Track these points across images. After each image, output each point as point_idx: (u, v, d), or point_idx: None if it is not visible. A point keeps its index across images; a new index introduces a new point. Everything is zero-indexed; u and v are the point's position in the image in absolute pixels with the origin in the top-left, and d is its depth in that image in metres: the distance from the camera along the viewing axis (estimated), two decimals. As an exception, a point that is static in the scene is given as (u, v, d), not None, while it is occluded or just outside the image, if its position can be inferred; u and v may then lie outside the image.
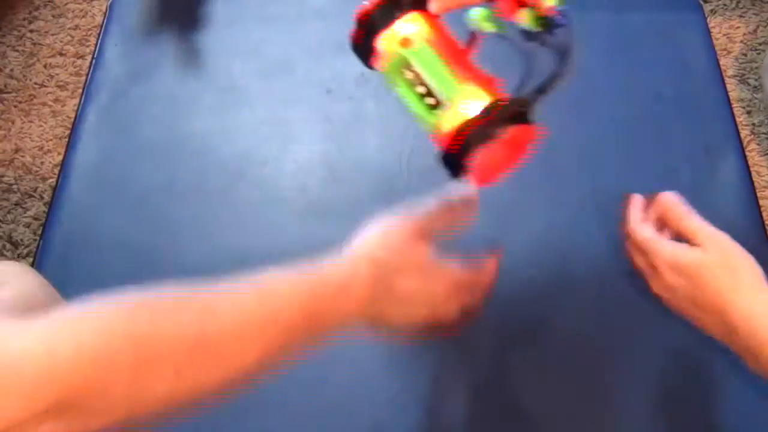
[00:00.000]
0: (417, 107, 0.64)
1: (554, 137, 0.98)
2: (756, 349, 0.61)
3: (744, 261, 0.63)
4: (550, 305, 0.86)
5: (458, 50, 0.64)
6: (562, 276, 0.88)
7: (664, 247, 0.65)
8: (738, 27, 1.71)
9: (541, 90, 0.62)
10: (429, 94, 0.62)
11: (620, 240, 0.69)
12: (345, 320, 0.60)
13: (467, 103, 0.61)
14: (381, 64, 0.65)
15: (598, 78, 1.01)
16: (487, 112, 0.60)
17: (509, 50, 0.64)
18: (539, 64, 0.65)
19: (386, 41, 0.64)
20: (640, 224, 0.68)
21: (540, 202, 0.93)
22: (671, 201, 0.66)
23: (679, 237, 0.66)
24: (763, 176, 1.48)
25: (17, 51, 1.71)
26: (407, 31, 0.63)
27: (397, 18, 0.63)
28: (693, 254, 0.63)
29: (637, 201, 0.71)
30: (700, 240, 0.63)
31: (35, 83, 1.65)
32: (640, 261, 0.69)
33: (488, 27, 0.64)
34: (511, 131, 0.61)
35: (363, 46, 0.65)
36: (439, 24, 0.64)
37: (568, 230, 0.90)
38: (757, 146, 1.52)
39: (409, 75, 0.63)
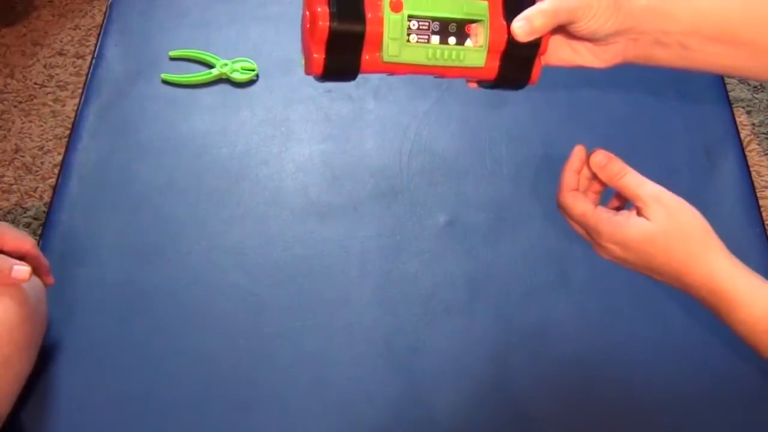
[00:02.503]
0: (446, 56, 0.59)
1: (554, 137, 0.98)
2: (720, 307, 0.61)
3: (690, 221, 0.60)
4: (550, 305, 0.86)
5: None
6: (561, 276, 0.88)
7: (603, 224, 0.61)
8: (738, 27, 1.71)
9: None
10: (448, 33, 0.59)
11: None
12: None
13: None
14: (372, 59, 0.59)
15: (598, 78, 1.01)
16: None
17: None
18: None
19: (374, 23, 0.57)
20: (572, 196, 0.64)
21: (540, 201, 0.93)
22: (601, 160, 0.62)
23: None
24: (763, 176, 1.48)
25: (17, 51, 1.71)
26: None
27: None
28: (637, 227, 0.60)
29: (572, 164, 0.66)
30: (641, 203, 0.60)
31: (35, 83, 1.65)
32: (579, 231, 0.66)
33: None
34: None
35: (347, 51, 0.58)
36: None
37: (566, 229, 0.90)
38: (757, 146, 1.52)
39: (420, 33, 0.59)
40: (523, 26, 0.58)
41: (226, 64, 1.05)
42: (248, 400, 0.80)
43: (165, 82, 1.05)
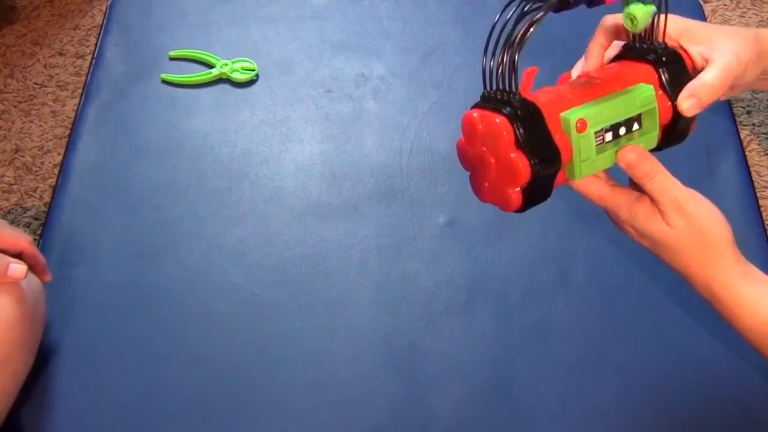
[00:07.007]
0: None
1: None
2: (724, 314, 0.62)
3: (710, 229, 0.59)
4: (550, 305, 0.86)
5: (582, 84, 0.61)
6: (561, 276, 0.88)
7: (621, 211, 0.61)
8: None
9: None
10: (628, 129, 0.59)
11: (619, 239, 0.69)
12: None
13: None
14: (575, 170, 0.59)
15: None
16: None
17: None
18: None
19: (566, 152, 0.57)
20: (586, 181, 0.61)
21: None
22: (633, 160, 0.59)
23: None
24: (763, 176, 1.48)
25: (17, 51, 1.71)
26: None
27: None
28: (654, 226, 0.60)
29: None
30: (663, 209, 0.59)
31: (35, 83, 1.65)
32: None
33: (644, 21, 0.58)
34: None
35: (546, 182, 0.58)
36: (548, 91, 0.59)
37: (566, 229, 0.90)
38: (757, 146, 1.52)
39: (609, 138, 0.58)
40: (693, 105, 0.59)
41: (226, 64, 1.05)
42: (248, 400, 0.80)
43: (165, 82, 1.05)
